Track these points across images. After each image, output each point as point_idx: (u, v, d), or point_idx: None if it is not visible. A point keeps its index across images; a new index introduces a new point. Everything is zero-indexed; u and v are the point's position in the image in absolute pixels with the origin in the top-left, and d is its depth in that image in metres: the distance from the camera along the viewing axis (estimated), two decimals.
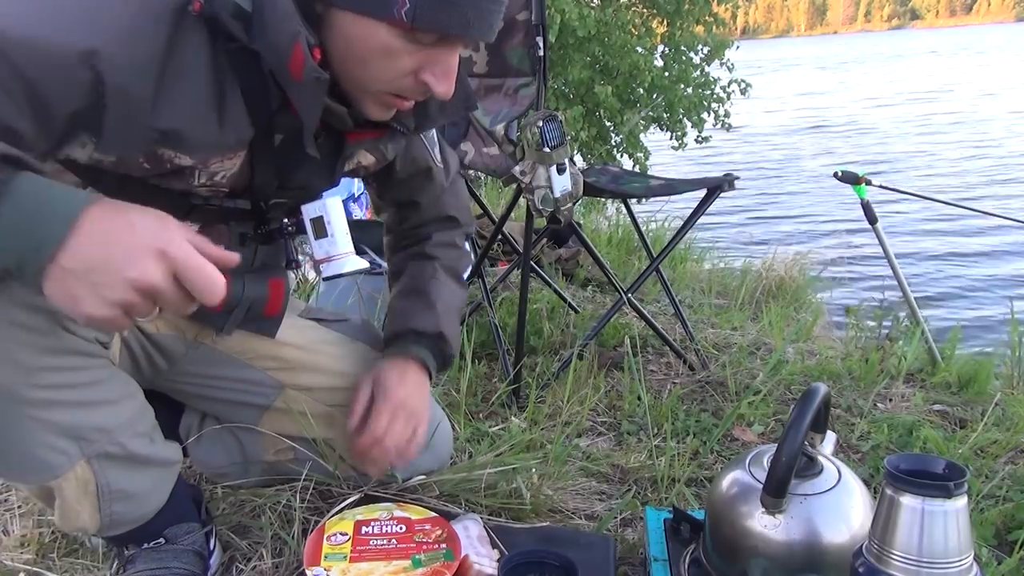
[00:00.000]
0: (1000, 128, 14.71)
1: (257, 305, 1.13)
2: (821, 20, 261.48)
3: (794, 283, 3.58)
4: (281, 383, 1.27)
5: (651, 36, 8.17)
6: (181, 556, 1.12)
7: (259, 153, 1.01)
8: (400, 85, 0.94)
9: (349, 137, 1.09)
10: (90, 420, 0.97)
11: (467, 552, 1.10)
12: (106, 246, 0.75)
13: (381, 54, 0.91)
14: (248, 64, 0.91)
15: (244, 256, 1.12)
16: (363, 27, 0.89)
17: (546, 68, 1.79)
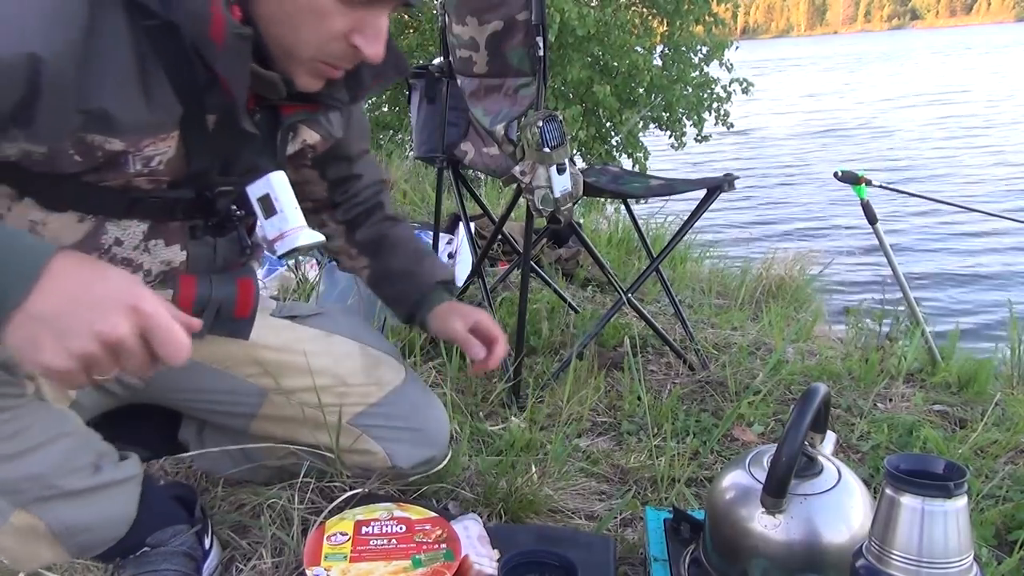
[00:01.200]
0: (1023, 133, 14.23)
1: (226, 306, 1.12)
2: (821, 20, 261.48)
3: (794, 283, 3.58)
4: (264, 389, 1.26)
5: (650, 36, 8.17)
6: (170, 559, 1.11)
7: (192, 135, 0.98)
8: (331, 50, 0.93)
9: (284, 110, 1.06)
10: (17, 471, 0.93)
11: (467, 552, 1.10)
12: (76, 295, 0.73)
13: (311, 15, 0.89)
14: (169, 39, 0.88)
15: (203, 251, 1.12)
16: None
17: (546, 68, 1.79)
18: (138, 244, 1.06)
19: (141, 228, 1.05)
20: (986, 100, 19.78)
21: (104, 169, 0.94)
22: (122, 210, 1.02)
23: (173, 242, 1.09)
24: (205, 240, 1.12)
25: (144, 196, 1.02)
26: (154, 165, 0.97)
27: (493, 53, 1.87)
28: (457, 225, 2.88)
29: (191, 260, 1.12)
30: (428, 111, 2.25)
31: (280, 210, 1.05)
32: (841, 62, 45.16)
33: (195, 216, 1.10)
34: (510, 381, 1.91)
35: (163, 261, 1.09)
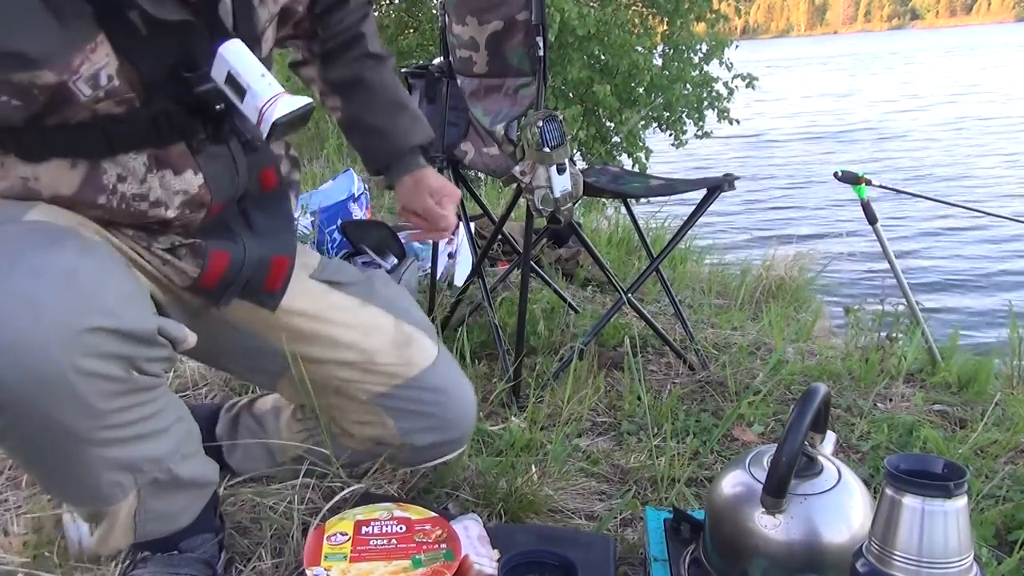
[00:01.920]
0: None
1: (256, 281, 1.12)
2: (821, 20, 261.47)
3: (794, 283, 3.58)
4: (293, 353, 1.23)
5: (650, 35, 8.17)
6: (192, 564, 1.12)
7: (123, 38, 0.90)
8: None
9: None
10: (145, 452, 0.98)
11: (467, 552, 1.10)
12: None
13: None
14: None
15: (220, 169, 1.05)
16: None
17: (546, 68, 1.79)
18: (144, 177, 0.99)
19: (140, 160, 0.98)
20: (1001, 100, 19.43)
21: (56, 107, 0.90)
22: (104, 145, 0.96)
23: (183, 168, 1.01)
24: (213, 154, 1.03)
25: (126, 120, 0.95)
26: (104, 83, 0.90)
27: (493, 53, 1.87)
28: (457, 225, 2.88)
29: (211, 183, 1.04)
30: (428, 111, 2.25)
31: (248, 86, 0.91)
32: (847, 62, 44.76)
33: (188, 130, 1.00)
34: (510, 381, 1.91)
35: (179, 191, 1.02)
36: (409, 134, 1.35)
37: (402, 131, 1.34)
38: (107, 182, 0.98)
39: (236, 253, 1.10)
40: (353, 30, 1.32)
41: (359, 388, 1.25)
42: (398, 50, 7.94)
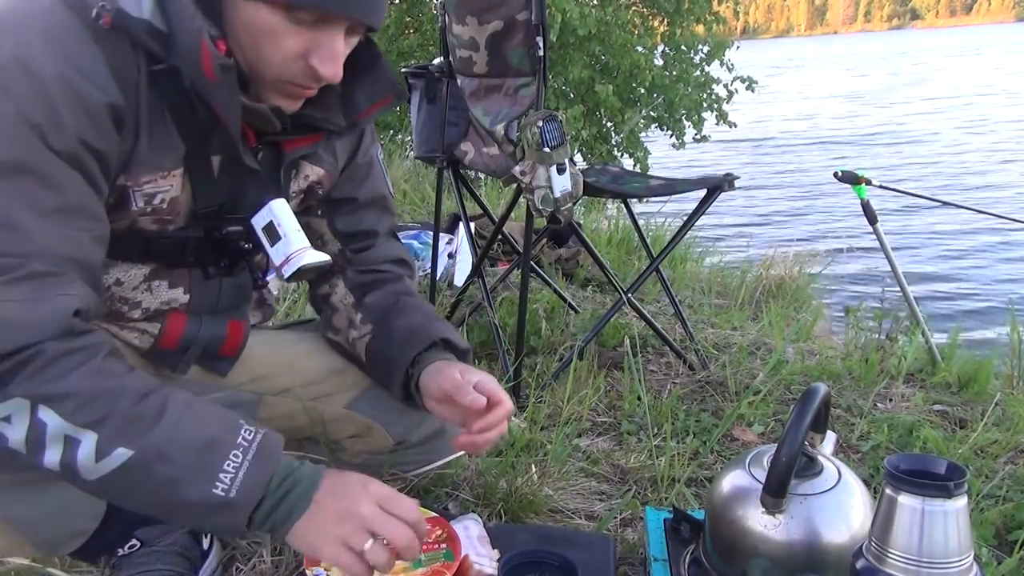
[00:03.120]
0: None
1: (213, 345, 1.17)
2: (821, 20, 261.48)
3: (794, 283, 3.58)
4: (257, 393, 1.27)
5: (651, 35, 8.17)
6: (164, 558, 1.12)
7: (198, 175, 1.03)
8: (290, 70, 0.95)
9: (286, 146, 1.09)
10: None
11: (467, 552, 1.10)
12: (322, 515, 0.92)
13: (267, 36, 0.92)
14: (173, 83, 0.94)
15: (207, 294, 1.15)
16: (250, 10, 0.91)
17: (546, 68, 1.79)
18: (138, 285, 1.09)
19: (143, 270, 1.09)
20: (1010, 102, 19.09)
21: (113, 208, 0.98)
22: (135, 254, 1.06)
23: (177, 284, 1.12)
24: (211, 283, 1.15)
25: (153, 237, 1.05)
26: (157, 203, 1.01)
27: (493, 53, 1.87)
28: (457, 225, 2.88)
29: (193, 302, 1.14)
30: (428, 111, 2.25)
31: (284, 235, 1.07)
32: (855, 62, 44.53)
33: (206, 258, 1.12)
34: (510, 381, 1.91)
35: (164, 301, 1.12)
36: (443, 331, 1.22)
37: (433, 329, 1.22)
38: (105, 281, 1.06)
39: (193, 316, 1.16)
40: (394, 275, 1.31)
41: (333, 400, 1.28)
42: (398, 50, 7.94)
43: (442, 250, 2.64)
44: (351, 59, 1.03)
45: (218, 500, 0.88)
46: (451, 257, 2.86)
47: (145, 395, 0.89)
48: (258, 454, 0.91)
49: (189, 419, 0.91)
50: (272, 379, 1.27)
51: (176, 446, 0.88)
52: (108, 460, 0.85)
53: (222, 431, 0.91)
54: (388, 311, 1.25)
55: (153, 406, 0.89)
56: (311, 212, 1.26)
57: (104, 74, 0.89)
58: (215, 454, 0.89)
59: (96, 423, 0.85)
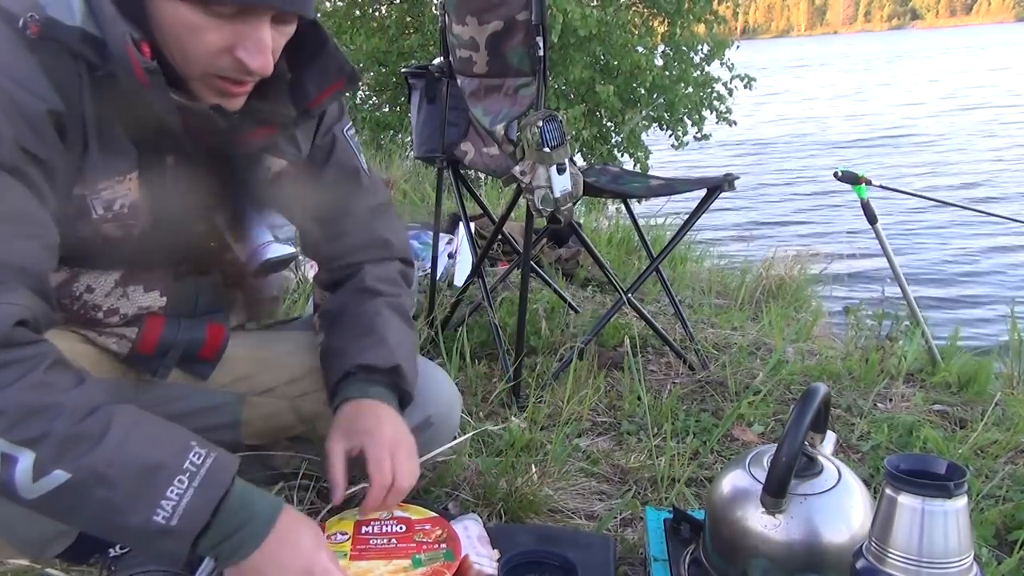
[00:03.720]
0: None
1: (193, 348, 1.16)
2: (821, 20, 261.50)
3: (794, 283, 3.58)
4: (240, 394, 1.25)
5: (651, 35, 8.18)
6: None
7: (152, 177, 1.01)
8: (218, 64, 0.93)
9: (239, 141, 1.06)
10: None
11: (467, 552, 1.10)
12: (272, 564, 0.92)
13: (189, 33, 0.90)
14: (114, 87, 0.92)
15: (184, 295, 1.13)
16: (169, 8, 0.89)
17: (546, 68, 1.79)
18: (110, 291, 1.08)
19: (113, 276, 1.07)
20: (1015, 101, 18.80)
21: (73, 218, 0.97)
22: (102, 261, 1.05)
23: (153, 287, 1.11)
24: (186, 284, 1.13)
25: (120, 243, 1.04)
26: (117, 209, 1.00)
27: (493, 53, 1.87)
28: (457, 225, 2.88)
29: (171, 305, 1.13)
30: (428, 111, 2.25)
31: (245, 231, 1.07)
32: (861, 62, 44.28)
33: (175, 259, 1.11)
34: (510, 381, 1.91)
35: (140, 306, 1.11)
36: (363, 353, 1.15)
37: (358, 350, 1.16)
38: (75, 289, 1.06)
39: (171, 319, 1.14)
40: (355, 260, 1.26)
41: (315, 397, 1.25)
42: (399, 51, 7.95)
43: (442, 250, 2.64)
44: (298, 46, 1.01)
45: (158, 527, 0.85)
46: (451, 257, 2.86)
47: (88, 412, 0.85)
48: (205, 480, 0.87)
49: (135, 439, 0.87)
50: (255, 378, 1.25)
51: (117, 469, 0.84)
52: (46, 480, 0.82)
53: (169, 454, 0.88)
54: (335, 321, 1.22)
55: (95, 425, 0.85)
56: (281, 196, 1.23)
57: (42, 82, 0.87)
58: (158, 479, 0.86)
59: (33, 441, 0.81)
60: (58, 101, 0.88)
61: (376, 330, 1.19)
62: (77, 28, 0.88)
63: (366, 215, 1.26)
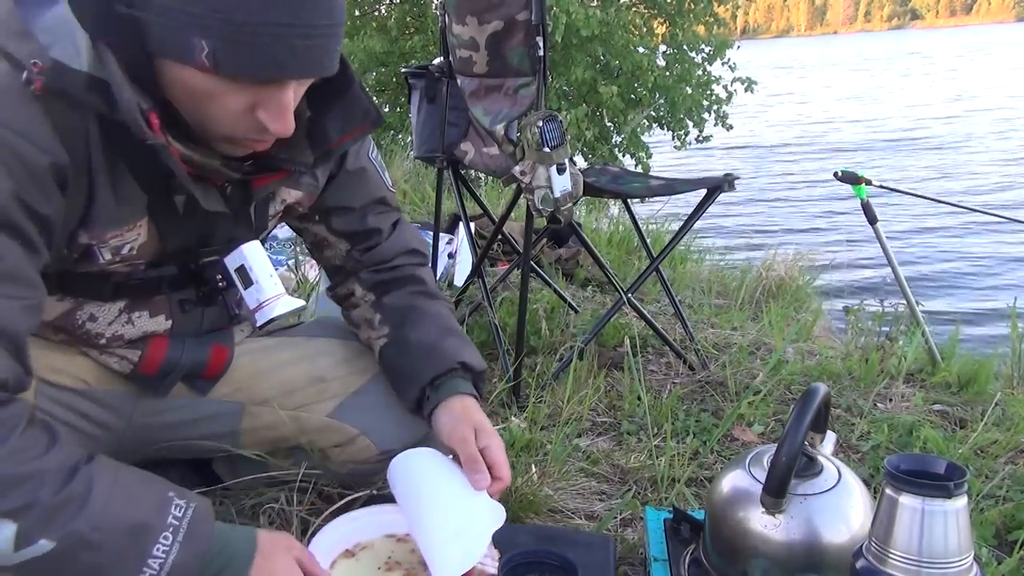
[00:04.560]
0: None
1: (196, 369, 1.16)
2: (821, 20, 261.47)
3: (794, 283, 3.58)
4: (239, 403, 1.24)
5: (652, 36, 8.19)
6: None
7: (163, 219, 1.00)
8: (241, 126, 0.90)
9: (254, 184, 1.05)
10: None
11: None
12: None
13: (207, 99, 0.87)
14: (123, 133, 0.88)
15: (189, 319, 1.14)
16: (186, 75, 0.85)
17: (546, 68, 1.79)
18: (114, 319, 1.08)
19: (117, 305, 1.07)
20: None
21: (79, 261, 0.97)
22: (108, 293, 1.05)
23: (158, 313, 1.11)
24: (188, 309, 1.13)
25: (125, 279, 1.04)
26: (125, 253, 0.99)
27: (493, 53, 1.87)
28: (457, 225, 2.88)
29: (175, 328, 1.13)
30: (428, 111, 2.25)
31: (255, 280, 1.06)
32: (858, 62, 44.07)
33: (182, 289, 1.11)
34: (510, 381, 1.91)
35: (145, 331, 1.11)
36: (460, 351, 1.20)
37: (451, 348, 1.20)
38: (79, 318, 1.06)
39: (175, 342, 1.14)
40: (408, 271, 1.28)
41: (315, 408, 1.25)
42: (400, 51, 7.95)
43: (442, 250, 2.64)
44: (323, 85, 0.97)
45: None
46: (451, 257, 2.85)
47: (70, 476, 0.83)
48: (189, 534, 0.88)
49: (117, 499, 0.86)
50: (254, 389, 1.25)
51: (102, 533, 0.83)
52: (30, 549, 0.80)
53: (151, 512, 0.87)
54: (405, 316, 1.23)
55: (78, 489, 0.83)
56: (308, 219, 1.24)
57: (46, 134, 0.84)
58: (144, 539, 0.85)
59: (15, 512, 0.79)
60: (62, 153, 0.86)
61: (458, 332, 1.24)
62: (84, 73, 0.84)
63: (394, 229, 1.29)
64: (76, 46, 0.84)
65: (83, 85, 0.84)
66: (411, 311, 1.24)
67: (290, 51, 0.84)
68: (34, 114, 0.83)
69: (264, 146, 0.96)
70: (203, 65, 0.83)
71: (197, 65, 0.83)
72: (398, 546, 1.11)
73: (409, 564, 1.07)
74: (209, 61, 0.82)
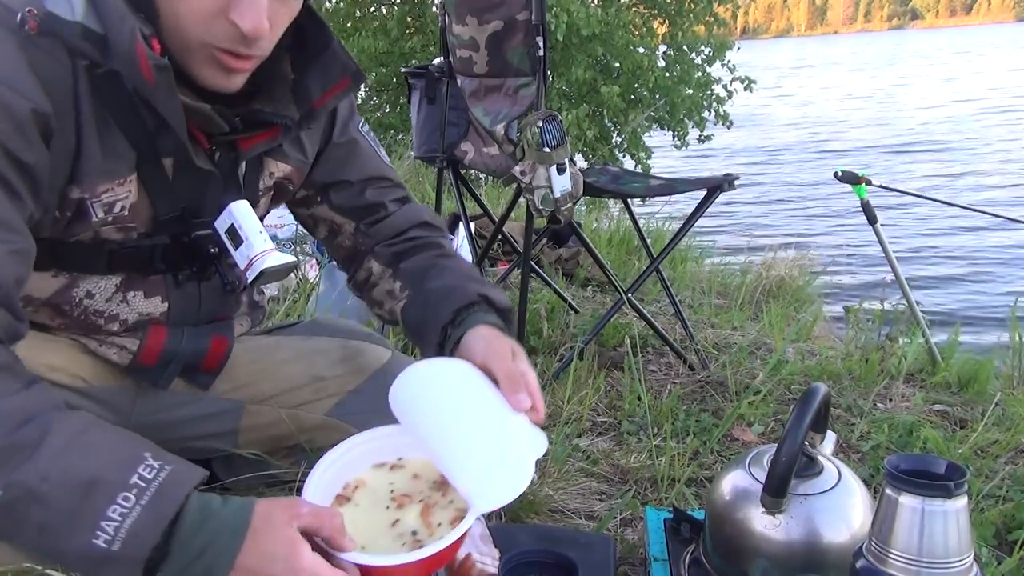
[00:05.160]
0: None
1: (195, 359, 1.15)
2: (821, 20, 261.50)
3: (794, 283, 3.59)
4: (239, 401, 1.24)
5: (652, 36, 8.19)
6: None
7: (152, 179, 1.00)
8: (213, 32, 0.88)
9: (242, 144, 1.04)
10: None
11: (469, 551, 1.10)
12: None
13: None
14: (115, 86, 0.90)
15: (186, 302, 1.12)
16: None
17: (546, 68, 1.79)
18: (111, 296, 1.07)
19: (113, 281, 1.06)
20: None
21: (72, 222, 0.96)
22: (102, 266, 1.04)
23: (153, 293, 1.10)
24: (188, 290, 1.12)
25: (118, 248, 1.03)
26: (117, 212, 0.98)
27: (493, 53, 1.88)
28: (457, 225, 2.88)
29: (172, 311, 1.12)
30: (428, 111, 2.25)
31: (245, 237, 1.04)
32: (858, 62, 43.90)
33: (176, 264, 1.10)
34: None
35: (141, 313, 1.10)
36: (482, 288, 1.13)
37: (473, 287, 1.13)
38: (75, 295, 1.05)
39: (175, 329, 1.13)
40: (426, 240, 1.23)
41: (314, 407, 1.25)
42: (400, 52, 7.95)
43: None
44: (301, 45, 0.98)
45: (100, 553, 0.74)
46: None
47: (24, 422, 0.76)
48: (156, 498, 0.76)
49: (75, 452, 0.77)
50: (253, 386, 1.25)
51: (51, 486, 0.74)
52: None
53: (113, 468, 0.77)
54: (425, 273, 1.17)
55: (29, 436, 0.76)
56: (310, 203, 1.23)
57: (29, 82, 0.84)
58: (97, 497, 0.75)
59: None
60: (45, 102, 0.86)
61: (481, 279, 1.17)
62: (77, 23, 0.86)
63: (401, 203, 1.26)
64: (70, 1, 0.87)
65: (77, 34, 0.86)
66: (431, 268, 1.18)
67: None
68: (18, 63, 0.84)
69: (242, 64, 0.93)
70: None
71: None
72: (393, 475, 0.95)
73: (419, 492, 0.91)
74: None
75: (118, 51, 0.87)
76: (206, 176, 1.01)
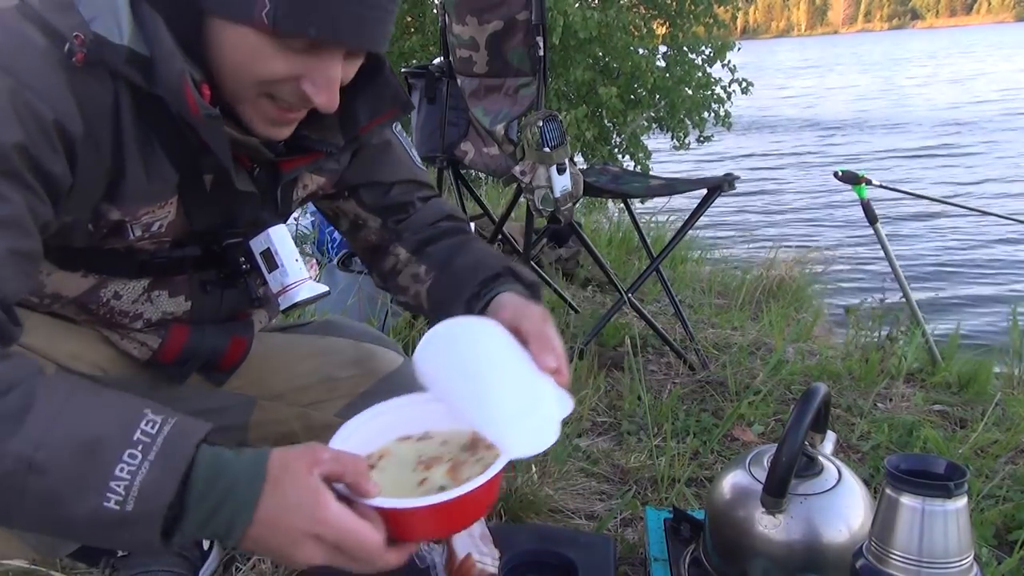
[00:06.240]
0: None
1: (214, 358, 1.15)
2: (822, 20, 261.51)
3: (794, 283, 3.58)
4: (252, 397, 1.25)
5: (652, 37, 8.19)
6: (160, 559, 1.12)
7: (191, 197, 0.99)
8: (277, 90, 0.88)
9: (283, 166, 1.04)
10: None
11: (470, 550, 1.10)
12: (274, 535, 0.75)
13: (251, 59, 0.85)
14: (159, 109, 0.88)
15: (209, 301, 1.12)
16: (233, 33, 0.84)
17: (546, 68, 1.79)
18: (138, 297, 1.06)
19: (142, 283, 1.06)
20: None
21: (108, 236, 0.96)
22: (133, 271, 1.03)
23: (178, 293, 1.09)
24: (212, 292, 1.12)
25: (150, 257, 1.03)
26: (154, 230, 0.98)
27: (493, 53, 1.88)
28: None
29: (195, 310, 1.12)
30: (428, 111, 2.25)
31: (281, 264, 1.05)
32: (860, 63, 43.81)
33: (205, 270, 1.10)
34: None
35: (165, 311, 1.10)
36: (508, 262, 1.12)
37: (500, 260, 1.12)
38: (103, 295, 1.04)
39: (196, 329, 1.13)
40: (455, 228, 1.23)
41: (325, 407, 1.25)
42: (400, 51, 7.95)
43: None
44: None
45: (113, 515, 0.70)
46: None
47: (7, 390, 0.71)
48: (164, 451, 0.72)
49: (69, 415, 0.72)
50: (266, 383, 1.25)
51: (49, 452, 0.70)
52: None
53: (112, 425, 0.72)
54: (451, 254, 1.16)
55: (13, 404, 0.71)
56: (337, 198, 1.22)
57: (62, 98, 0.82)
58: (101, 457, 0.71)
59: None
60: (76, 120, 0.84)
61: (507, 259, 1.15)
62: (124, 47, 0.84)
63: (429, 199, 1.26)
64: (117, 21, 0.84)
65: (123, 58, 0.84)
66: (458, 248, 1.17)
67: (348, 16, 0.84)
68: (58, 78, 0.82)
69: (295, 116, 0.94)
70: (260, 23, 0.82)
71: (255, 23, 0.83)
72: (420, 445, 0.92)
73: (447, 455, 0.88)
74: (268, 19, 0.82)
75: (166, 81, 0.85)
76: (245, 194, 1.00)
